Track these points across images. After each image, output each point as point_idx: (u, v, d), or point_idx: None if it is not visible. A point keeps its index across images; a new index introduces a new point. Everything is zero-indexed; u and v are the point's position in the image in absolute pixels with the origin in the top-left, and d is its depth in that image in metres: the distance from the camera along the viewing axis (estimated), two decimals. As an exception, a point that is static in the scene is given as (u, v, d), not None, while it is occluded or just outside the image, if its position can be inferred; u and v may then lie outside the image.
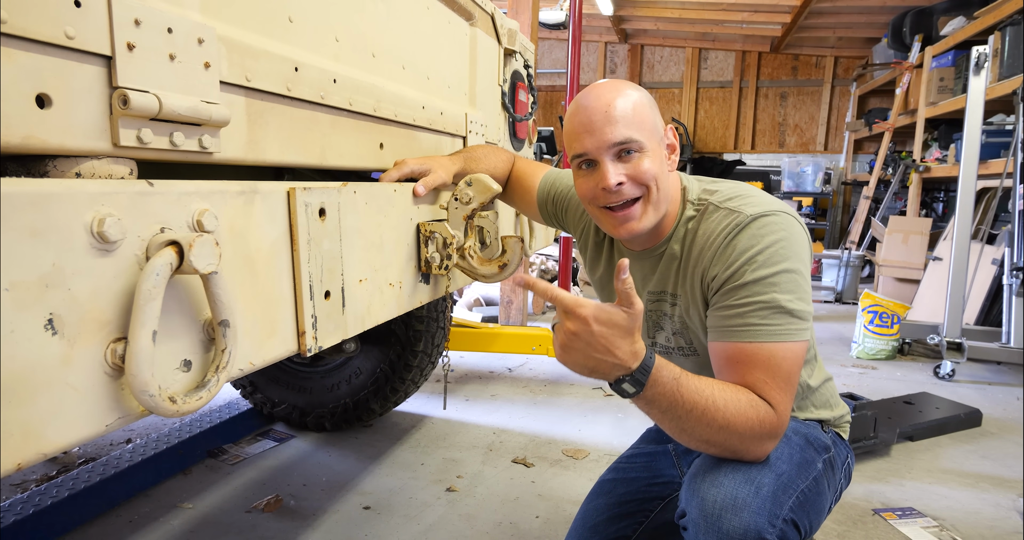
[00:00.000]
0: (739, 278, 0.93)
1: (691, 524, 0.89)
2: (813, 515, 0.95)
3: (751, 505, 0.85)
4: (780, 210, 0.96)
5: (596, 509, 1.24)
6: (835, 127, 8.04)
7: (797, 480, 0.94)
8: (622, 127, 0.94)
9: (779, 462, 0.94)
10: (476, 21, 1.58)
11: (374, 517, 1.78)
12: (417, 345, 2.15)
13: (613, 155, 0.96)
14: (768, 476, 0.90)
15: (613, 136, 0.94)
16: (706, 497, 0.88)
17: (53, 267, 0.48)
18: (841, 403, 1.18)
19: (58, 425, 0.49)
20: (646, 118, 0.97)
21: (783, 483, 0.91)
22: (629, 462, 1.31)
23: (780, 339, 0.90)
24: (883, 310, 3.45)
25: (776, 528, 0.85)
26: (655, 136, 0.98)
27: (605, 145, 0.95)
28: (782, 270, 0.91)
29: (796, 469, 0.95)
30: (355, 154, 1.07)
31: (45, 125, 0.55)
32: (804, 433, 1.05)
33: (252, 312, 0.69)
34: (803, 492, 0.93)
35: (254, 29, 0.81)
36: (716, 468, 0.91)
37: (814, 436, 1.06)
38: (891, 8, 6.02)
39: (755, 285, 0.91)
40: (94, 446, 2.22)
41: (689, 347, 1.10)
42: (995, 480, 2.04)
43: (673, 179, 1.04)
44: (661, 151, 0.99)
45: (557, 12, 5.34)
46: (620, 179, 0.95)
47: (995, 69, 3.85)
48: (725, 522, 0.85)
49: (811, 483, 0.97)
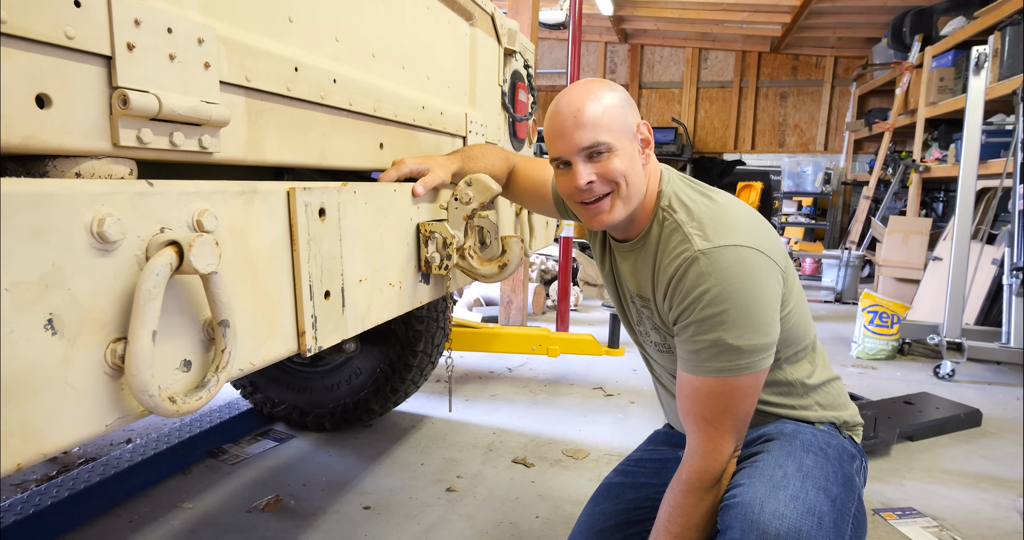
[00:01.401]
0: (688, 316, 0.98)
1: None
2: (862, 532, 0.97)
3: (816, 538, 0.85)
4: (734, 244, 0.96)
5: (603, 513, 1.22)
6: (835, 127, 8.04)
7: (848, 503, 0.94)
8: (589, 132, 1.00)
9: (830, 486, 0.93)
10: (476, 21, 1.58)
11: (374, 517, 1.78)
12: (417, 345, 2.15)
13: (584, 157, 1.02)
14: (826, 505, 0.90)
15: (581, 141, 1.01)
16: (767, 530, 0.86)
17: (53, 267, 0.48)
18: (852, 405, 1.18)
19: (58, 425, 0.49)
20: (615, 119, 1.02)
21: (839, 510, 0.91)
22: (638, 466, 1.29)
23: (727, 374, 0.96)
24: (883, 310, 3.45)
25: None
26: (626, 135, 1.03)
27: (575, 149, 1.01)
28: (725, 309, 0.94)
29: (845, 491, 0.95)
30: (355, 154, 1.07)
31: (45, 125, 0.55)
32: (835, 446, 1.06)
33: (252, 312, 0.69)
34: (855, 516, 0.95)
35: (254, 29, 0.81)
36: (772, 497, 0.90)
37: (843, 447, 1.07)
38: (891, 8, 6.02)
39: (703, 324, 0.96)
40: (94, 446, 2.22)
41: (664, 344, 1.14)
42: (995, 480, 2.04)
43: (651, 171, 1.09)
44: (633, 148, 1.04)
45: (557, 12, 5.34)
46: (590, 178, 1.01)
47: (995, 69, 3.85)
48: None
49: (858, 503, 0.98)
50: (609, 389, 2.91)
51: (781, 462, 0.97)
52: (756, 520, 0.87)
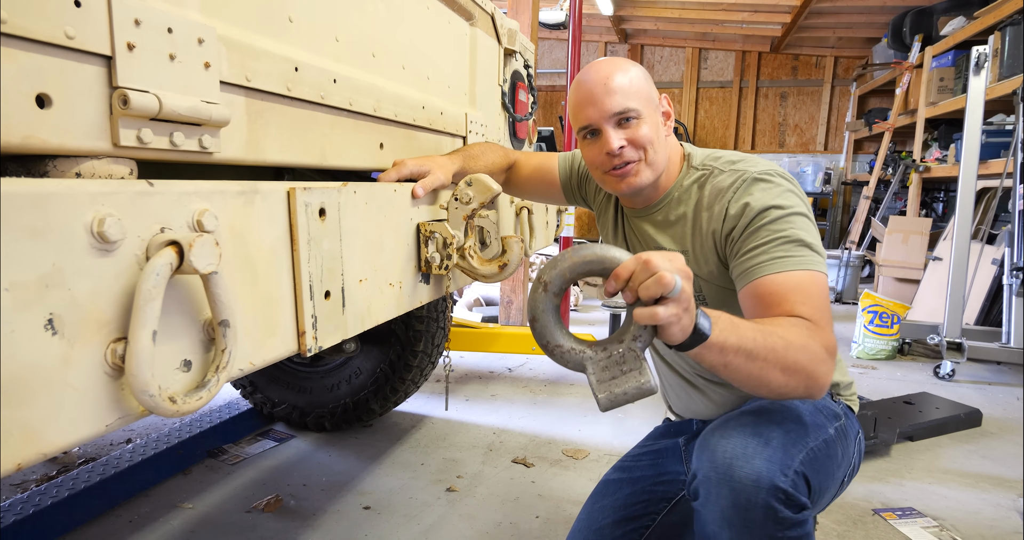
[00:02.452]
0: (756, 224, 1.00)
1: (702, 483, 0.90)
2: (823, 476, 0.95)
3: (761, 453, 0.87)
4: (781, 175, 1.06)
5: (601, 510, 1.22)
6: (835, 127, 8.04)
7: (806, 438, 0.95)
8: (620, 98, 1.05)
9: (786, 421, 0.95)
10: (476, 21, 1.58)
11: (374, 517, 1.78)
12: (417, 345, 2.15)
13: (614, 123, 1.07)
14: (776, 431, 0.92)
15: (613, 106, 1.05)
16: (716, 449, 0.90)
17: (53, 267, 0.48)
18: (848, 372, 1.20)
19: (58, 425, 0.49)
20: (642, 89, 1.07)
21: (792, 438, 0.92)
22: (635, 461, 1.30)
23: (807, 267, 0.95)
24: (883, 310, 3.45)
25: (788, 477, 0.86)
26: (651, 105, 1.09)
27: (606, 114, 1.06)
28: (794, 213, 0.99)
29: (804, 428, 0.96)
30: (355, 154, 1.07)
31: (45, 125, 0.55)
32: (814, 403, 1.06)
33: (252, 312, 0.69)
34: (812, 450, 0.94)
35: (254, 29, 0.81)
36: (723, 425, 0.94)
37: (823, 404, 1.08)
38: (891, 8, 6.02)
39: (773, 224, 0.98)
40: (94, 446, 2.22)
41: (699, 294, 1.15)
42: (995, 480, 2.04)
43: (672, 144, 1.15)
44: (657, 118, 1.10)
45: (557, 12, 5.34)
46: (621, 143, 1.06)
47: (995, 69, 3.85)
48: (736, 470, 0.86)
49: (821, 444, 0.97)
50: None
51: (745, 408, 1.02)
52: (706, 443, 0.92)
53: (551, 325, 0.84)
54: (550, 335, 0.84)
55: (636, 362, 0.79)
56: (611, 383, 0.80)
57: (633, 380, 0.78)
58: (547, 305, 0.83)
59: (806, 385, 0.87)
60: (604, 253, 0.80)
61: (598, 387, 0.80)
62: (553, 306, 0.83)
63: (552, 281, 0.82)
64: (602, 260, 0.80)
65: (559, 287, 0.83)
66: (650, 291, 0.73)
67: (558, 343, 0.83)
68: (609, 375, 0.80)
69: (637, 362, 0.79)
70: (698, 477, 0.92)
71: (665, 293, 0.73)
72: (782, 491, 0.84)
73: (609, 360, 0.81)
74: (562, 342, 0.84)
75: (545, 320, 0.83)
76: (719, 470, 0.88)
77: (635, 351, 0.80)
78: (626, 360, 0.80)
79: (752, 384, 0.86)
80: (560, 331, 0.84)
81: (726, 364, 0.83)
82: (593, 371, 0.81)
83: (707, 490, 0.89)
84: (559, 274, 0.82)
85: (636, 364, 0.79)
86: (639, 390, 0.78)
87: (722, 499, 0.87)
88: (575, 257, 0.81)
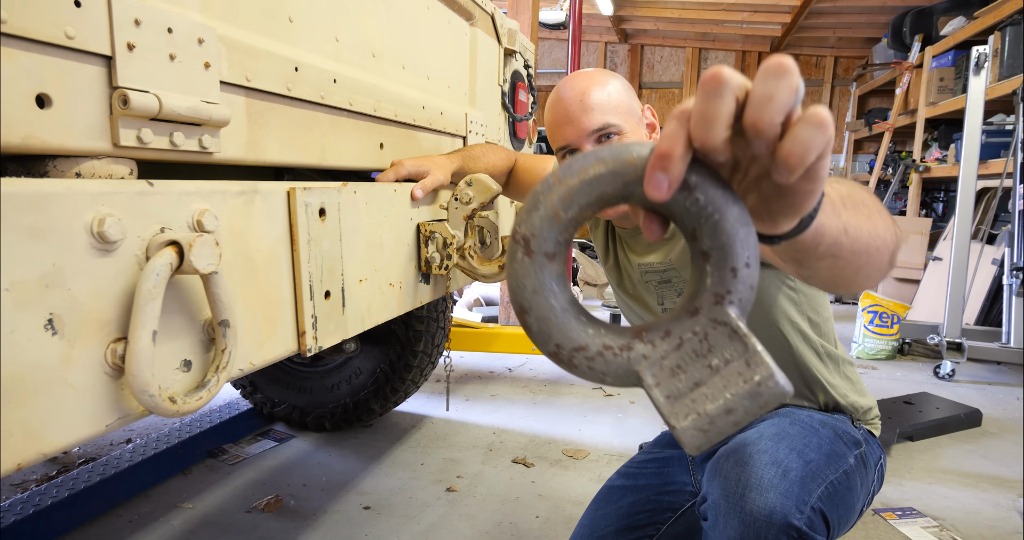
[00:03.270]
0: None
1: (711, 509, 0.86)
2: (842, 511, 0.91)
3: (778, 487, 0.81)
4: None
5: (604, 518, 1.19)
6: (835, 127, 8.03)
7: (826, 471, 0.90)
8: (598, 114, 0.98)
9: (807, 450, 0.90)
10: (476, 21, 1.58)
11: (374, 517, 1.78)
12: (417, 345, 2.15)
13: (594, 141, 0.99)
14: (796, 462, 0.86)
15: (591, 124, 0.98)
16: (728, 476, 0.84)
17: (53, 267, 0.48)
18: (868, 394, 1.16)
19: (58, 425, 0.49)
20: (622, 103, 1.00)
21: (811, 471, 0.87)
22: (640, 468, 1.27)
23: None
24: (883, 310, 3.45)
25: (804, 515, 0.81)
26: (633, 118, 1.01)
27: (584, 133, 0.98)
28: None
29: (825, 460, 0.92)
30: (355, 154, 1.07)
31: (45, 125, 0.55)
32: (832, 426, 1.02)
33: (252, 312, 0.69)
34: (832, 484, 0.90)
35: (254, 29, 0.81)
36: (739, 450, 0.88)
37: (843, 430, 1.03)
38: (891, 8, 6.02)
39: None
40: (94, 446, 2.22)
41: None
42: (995, 480, 2.04)
43: None
44: (641, 131, 1.02)
45: (557, 12, 5.33)
46: None
47: (995, 69, 3.85)
48: (749, 502, 0.80)
49: (841, 476, 0.93)
50: (609, 389, 2.91)
51: (763, 430, 0.95)
52: (720, 468, 0.87)
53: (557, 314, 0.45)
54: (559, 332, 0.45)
55: (736, 344, 0.41)
56: (695, 396, 0.41)
57: (739, 379, 0.40)
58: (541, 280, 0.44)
59: (895, 227, 0.66)
60: (617, 154, 0.42)
61: (672, 410, 0.41)
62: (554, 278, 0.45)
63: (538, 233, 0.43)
64: (620, 164, 0.41)
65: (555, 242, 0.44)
66: (818, 131, 0.37)
67: (577, 344, 0.45)
68: (688, 381, 0.42)
69: (738, 343, 0.41)
70: (708, 501, 0.87)
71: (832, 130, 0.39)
72: (795, 530, 0.79)
73: (682, 354, 0.43)
74: (584, 341, 0.45)
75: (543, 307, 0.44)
76: (730, 499, 0.82)
77: (728, 323, 0.41)
78: (715, 345, 0.42)
79: (873, 246, 0.60)
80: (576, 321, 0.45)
81: (846, 227, 0.56)
82: (656, 381, 0.43)
83: (715, 517, 0.85)
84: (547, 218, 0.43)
85: (738, 348, 0.41)
86: (756, 396, 0.39)
87: (730, 530, 0.82)
88: (568, 179, 0.42)
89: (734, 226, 0.41)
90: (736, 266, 0.41)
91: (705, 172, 0.41)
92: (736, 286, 0.42)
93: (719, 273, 0.42)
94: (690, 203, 0.41)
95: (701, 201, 0.41)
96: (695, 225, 0.42)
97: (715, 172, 0.41)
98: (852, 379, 1.14)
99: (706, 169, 0.41)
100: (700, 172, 0.41)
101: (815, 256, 0.56)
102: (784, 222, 0.47)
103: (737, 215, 0.41)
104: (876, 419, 1.15)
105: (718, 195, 0.41)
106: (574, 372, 0.46)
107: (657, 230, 0.44)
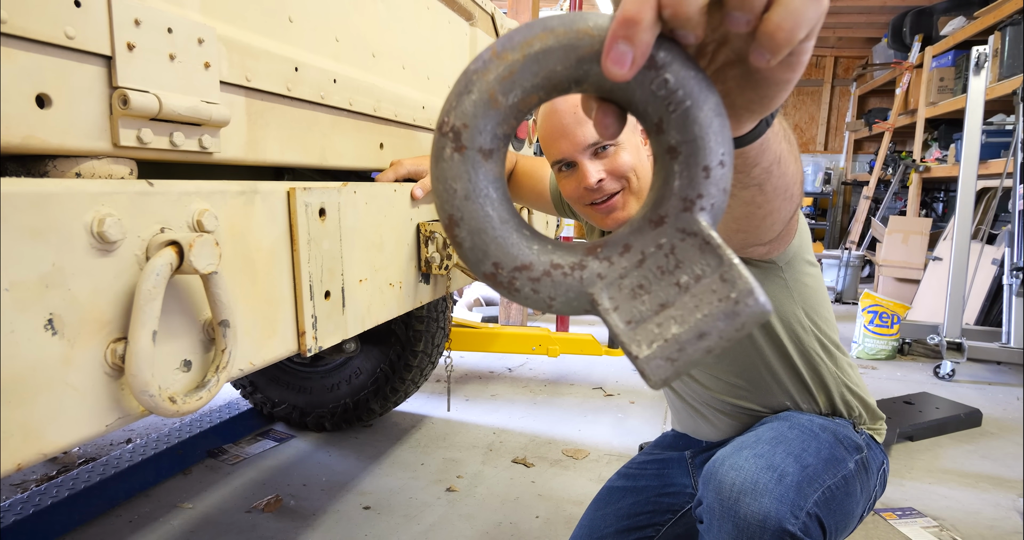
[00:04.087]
0: None
1: (706, 512, 0.85)
2: (840, 516, 0.91)
3: (772, 491, 0.80)
4: None
5: (604, 519, 1.19)
6: (835, 127, 8.04)
7: (824, 475, 0.90)
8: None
9: (805, 455, 0.90)
10: (476, 21, 1.58)
11: (374, 517, 1.78)
12: (417, 345, 2.15)
13: (590, 154, 0.97)
14: (792, 466, 0.85)
15: (586, 136, 0.95)
16: (724, 480, 0.84)
17: (53, 267, 0.48)
18: (871, 400, 1.15)
19: (58, 425, 0.49)
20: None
21: (808, 475, 0.86)
22: (640, 469, 1.27)
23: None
24: (883, 310, 3.45)
25: (799, 520, 0.80)
26: (628, 127, 0.98)
27: (580, 146, 0.96)
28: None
29: (824, 464, 0.91)
30: (355, 154, 1.07)
31: (45, 125, 0.55)
32: (833, 430, 1.01)
33: (252, 312, 0.69)
34: (830, 489, 0.89)
35: (254, 29, 0.81)
36: (736, 453, 0.88)
37: (844, 435, 1.02)
38: (891, 8, 6.02)
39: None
40: (94, 446, 2.22)
41: None
42: (995, 480, 2.04)
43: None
44: (636, 139, 0.99)
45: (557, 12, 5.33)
46: (600, 176, 0.96)
47: (995, 69, 3.85)
48: (743, 506, 0.80)
49: (839, 481, 0.92)
50: (609, 389, 2.91)
51: (761, 434, 0.95)
52: (715, 472, 0.86)
53: (494, 224, 0.37)
54: (496, 247, 0.37)
55: (708, 256, 0.35)
56: (661, 319, 0.35)
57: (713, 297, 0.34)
58: (474, 182, 0.37)
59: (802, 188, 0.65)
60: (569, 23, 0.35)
61: (633, 336, 0.35)
62: (490, 181, 0.37)
63: (472, 123, 0.36)
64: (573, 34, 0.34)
65: (492, 135, 0.37)
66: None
67: (519, 262, 0.37)
68: (653, 303, 0.35)
69: (711, 256, 0.35)
70: (703, 505, 0.87)
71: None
72: (790, 535, 0.79)
73: (644, 271, 0.36)
74: (528, 258, 0.37)
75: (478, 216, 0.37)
76: (725, 503, 0.82)
77: (699, 232, 0.35)
78: (683, 260, 0.36)
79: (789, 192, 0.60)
80: (518, 235, 0.38)
81: (780, 157, 0.55)
82: (614, 304, 0.36)
83: (710, 520, 0.84)
84: (483, 104, 0.36)
85: (711, 261, 0.35)
86: (733, 316, 0.33)
87: (724, 534, 0.82)
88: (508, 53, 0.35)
89: (708, 116, 0.34)
90: (709, 164, 0.35)
91: (675, 49, 0.34)
92: (708, 189, 0.35)
93: (689, 173, 0.35)
94: (657, 85, 0.34)
95: (671, 83, 0.34)
96: (661, 114, 0.35)
97: (686, 51, 0.35)
98: (855, 383, 1.13)
99: (676, 46, 0.34)
100: (669, 49, 0.34)
101: (746, 179, 0.53)
102: (746, 120, 0.42)
103: (713, 104, 0.35)
104: (880, 425, 1.14)
105: (690, 77, 0.34)
106: (515, 298, 0.38)
107: (612, 125, 0.37)
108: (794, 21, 0.32)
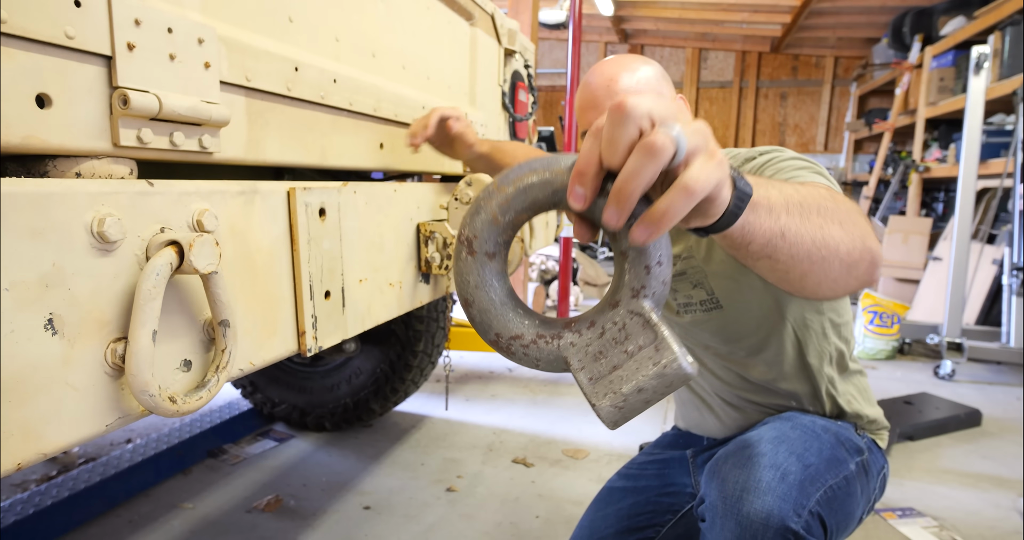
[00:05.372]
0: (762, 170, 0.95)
1: (708, 510, 0.85)
2: (841, 516, 0.91)
3: (775, 490, 0.81)
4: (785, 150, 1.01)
5: (604, 519, 1.19)
6: (835, 127, 8.04)
7: (826, 475, 0.90)
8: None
9: (807, 454, 0.90)
10: (476, 21, 1.58)
11: (374, 517, 1.78)
12: (417, 345, 2.15)
13: None
14: (795, 465, 0.86)
15: None
16: (727, 478, 0.84)
17: (53, 267, 0.48)
18: (877, 405, 1.15)
19: (58, 425, 0.49)
20: (651, 89, 1.00)
21: (810, 475, 0.87)
22: (640, 469, 1.27)
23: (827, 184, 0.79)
24: (883, 310, 3.45)
25: (802, 518, 0.80)
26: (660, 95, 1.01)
27: None
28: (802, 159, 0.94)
29: (825, 464, 0.91)
30: (355, 154, 1.07)
31: (45, 125, 0.55)
32: (835, 432, 1.01)
33: (252, 312, 0.69)
34: (831, 488, 0.89)
35: (254, 29, 0.81)
36: (739, 452, 0.88)
37: (846, 437, 1.03)
38: (891, 8, 6.02)
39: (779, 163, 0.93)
40: (94, 446, 2.22)
41: (711, 299, 1.08)
42: (995, 480, 2.04)
43: None
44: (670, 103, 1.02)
45: (557, 12, 5.33)
46: None
47: (995, 69, 3.85)
48: (746, 504, 0.80)
49: (841, 481, 0.92)
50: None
51: (763, 433, 0.95)
52: (718, 470, 0.87)
53: (496, 306, 0.52)
54: (498, 322, 0.52)
55: (648, 332, 0.47)
56: (613, 378, 0.47)
57: (649, 363, 0.46)
58: (482, 276, 0.52)
59: (864, 242, 0.64)
60: (548, 165, 0.49)
61: (593, 390, 0.48)
62: (494, 275, 0.52)
63: (480, 235, 0.51)
64: (550, 174, 0.48)
65: (495, 243, 0.51)
66: (647, 160, 0.42)
67: (513, 333, 0.52)
68: (608, 365, 0.48)
69: (650, 331, 0.47)
70: (706, 503, 0.87)
71: (669, 154, 0.43)
72: (792, 533, 0.79)
73: (603, 341, 0.49)
74: (520, 331, 0.52)
75: (484, 300, 0.52)
76: (727, 501, 0.82)
77: (642, 314, 0.48)
78: (631, 334, 0.48)
79: (818, 255, 0.61)
80: (513, 313, 0.53)
81: (783, 232, 0.57)
82: (581, 365, 0.50)
83: (712, 518, 0.84)
84: (487, 222, 0.50)
85: (649, 336, 0.47)
86: (662, 377, 0.45)
87: (727, 532, 0.82)
88: (504, 187, 0.49)
89: None
90: (649, 264, 0.49)
91: None
92: (650, 281, 0.49)
93: (635, 270, 0.49)
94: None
95: None
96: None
97: None
98: (861, 388, 1.14)
99: None
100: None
101: (749, 254, 0.59)
102: (695, 222, 0.50)
103: None
104: (883, 431, 1.14)
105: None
106: (511, 358, 0.54)
107: (585, 233, 0.51)
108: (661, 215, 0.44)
